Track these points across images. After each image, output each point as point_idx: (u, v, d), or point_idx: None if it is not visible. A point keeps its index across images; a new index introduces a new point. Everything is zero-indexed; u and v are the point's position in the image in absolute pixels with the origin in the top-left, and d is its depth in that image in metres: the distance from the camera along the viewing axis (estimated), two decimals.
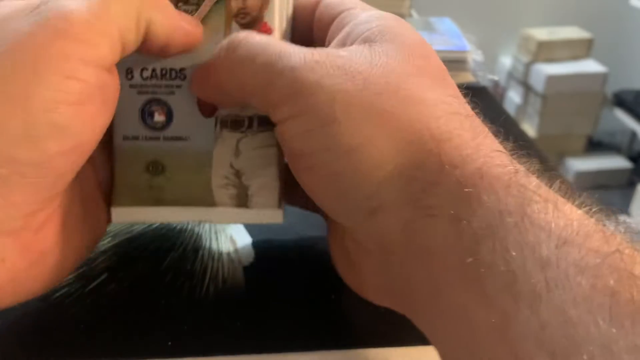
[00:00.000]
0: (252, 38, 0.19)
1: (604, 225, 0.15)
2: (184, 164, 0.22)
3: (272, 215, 0.23)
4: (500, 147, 0.17)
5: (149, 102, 0.22)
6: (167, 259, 0.26)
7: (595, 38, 1.82)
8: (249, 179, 0.22)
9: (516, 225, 0.14)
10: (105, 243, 0.27)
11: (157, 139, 0.22)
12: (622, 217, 0.16)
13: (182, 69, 0.22)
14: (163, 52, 0.20)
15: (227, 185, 0.22)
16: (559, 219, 0.14)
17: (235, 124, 0.22)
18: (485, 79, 0.47)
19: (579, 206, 0.15)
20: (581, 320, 0.12)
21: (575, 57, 1.82)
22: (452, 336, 0.15)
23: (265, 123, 0.22)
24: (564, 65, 1.79)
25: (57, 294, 0.24)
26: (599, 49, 1.83)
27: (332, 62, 0.18)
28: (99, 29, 0.17)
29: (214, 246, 0.27)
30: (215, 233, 0.28)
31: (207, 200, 0.22)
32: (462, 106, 0.18)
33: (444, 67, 0.19)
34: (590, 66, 1.80)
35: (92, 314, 0.23)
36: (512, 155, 0.17)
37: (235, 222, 0.24)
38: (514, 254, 0.14)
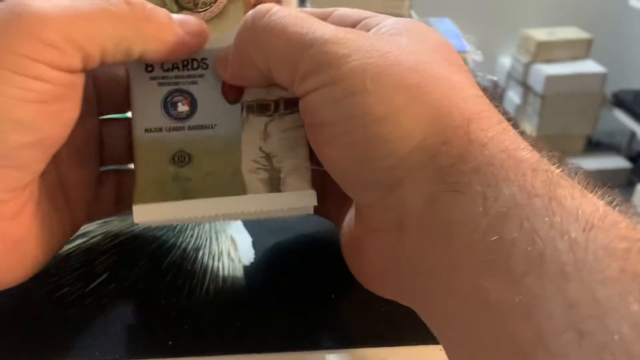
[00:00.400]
0: (282, 9, 0.19)
1: (628, 215, 0.15)
2: (211, 152, 0.22)
3: (305, 198, 0.22)
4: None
5: (172, 93, 0.22)
6: (167, 258, 0.26)
7: (594, 38, 1.82)
8: (280, 162, 0.22)
9: (544, 207, 0.14)
10: (105, 243, 0.27)
11: (182, 129, 0.22)
12: None
13: (203, 59, 0.22)
14: (165, 62, 0.21)
15: (258, 169, 0.22)
16: (585, 204, 0.14)
17: (261, 108, 0.22)
18: (484, 79, 0.47)
19: (601, 197, 0.15)
20: (610, 302, 0.12)
21: (575, 58, 1.83)
22: (469, 318, 0.15)
23: (292, 105, 0.21)
24: (563, 66, 1.79)
25: (58, 294, 0.24)
26: (598, 50, 1.83)
27: (364, 40, 0.18)
28: (73, 39, 0.17)
29: (214, 246, 0.27)
30: (216, 233, 0.28)
31: (237, 187, 0.21)
32: (485, 95, 0.18)
33: (467, 67, 0.20)
34: (589, 66, 1.80)
35: (93, 314, 0.23)
36: (534, 145, 0.17)
37: (267, 210, 0.21)
38: (541, 234, 0.13)
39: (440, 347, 0.23)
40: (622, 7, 1.80)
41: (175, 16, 0.20)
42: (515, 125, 0.18)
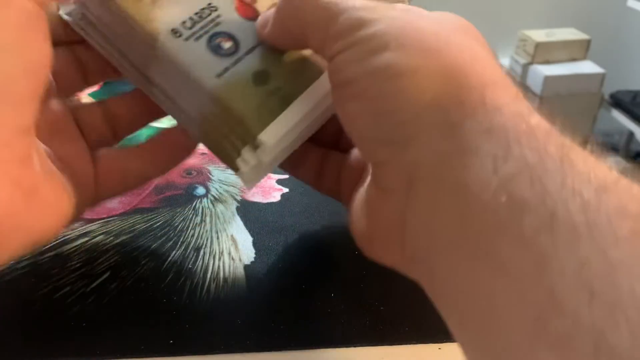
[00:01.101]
0: None
1: None
2: (277, 59, 0.23)
3: None
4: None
5: (209, 40, 0.23)
6: (168, 258, 0.26)
7: (592, 39, 1.83)
8: None
9: (556, 168, 0.14)
10: (107, 242, 0.27)
11: (241, 59, 0.23)
12: None
13: (209, 4, 0.24)
14: None
15: None
16: (598, 169, 0.14)
17: None
18: None
19: (614, 165, 0.15)
20: (622, 262, 0.12)
21: (573, 59, 1.83)
22: (478, 280, 0.14)
23: None
24: (562, 67, 1.79)
25: (60, 293, 0.24)
26: (596, 50, 1.84)
27: (392, 10, 0.19)
28: None
29: (215, 245, 0.27)
30: (217, 232, 0.28)
31: (314, 71, 0.23)
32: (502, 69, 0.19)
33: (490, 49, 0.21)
34: (587, 67, 1.81)
35: (94, 313, 0.23)
36: (548, 117, 0.17)
37: None
38: (553, 194, 0.14)
39: (439, 346, 0.23)
40: (620, 8, 1.80)
41: None
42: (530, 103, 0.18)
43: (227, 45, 0.23)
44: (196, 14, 0.23)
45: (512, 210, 0.14)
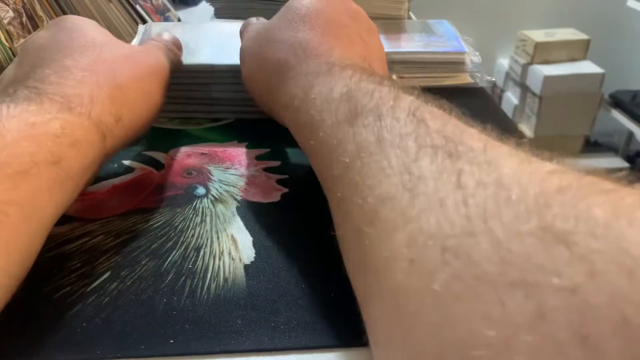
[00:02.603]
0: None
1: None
2: None
3: None
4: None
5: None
6: (168, 258, 0.26)
7: (592, 39, 1.83)
8: None
9: (324, 75, 0.26)
10: (107, 242, 0.27)
11: None
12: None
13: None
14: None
15: None
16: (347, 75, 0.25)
17: None
18: (483, 80, 0.47)
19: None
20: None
21: (572, 59, 1.83)
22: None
23: None
24: (561, 67, 1.79)
25: (60, 293, 0.24)
26: (596, 51, 1.84)
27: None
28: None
29: (215, 245, 0.27)
30: (217, 232, 0.28)
31: None
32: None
33: (346, 24, 0.31)
34: (587, 67, 1.81)
35: (94, 313, 0.23)
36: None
37: None
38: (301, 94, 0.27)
39: None
40: (620, 8, 1.80)
41: None
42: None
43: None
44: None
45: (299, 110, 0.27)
